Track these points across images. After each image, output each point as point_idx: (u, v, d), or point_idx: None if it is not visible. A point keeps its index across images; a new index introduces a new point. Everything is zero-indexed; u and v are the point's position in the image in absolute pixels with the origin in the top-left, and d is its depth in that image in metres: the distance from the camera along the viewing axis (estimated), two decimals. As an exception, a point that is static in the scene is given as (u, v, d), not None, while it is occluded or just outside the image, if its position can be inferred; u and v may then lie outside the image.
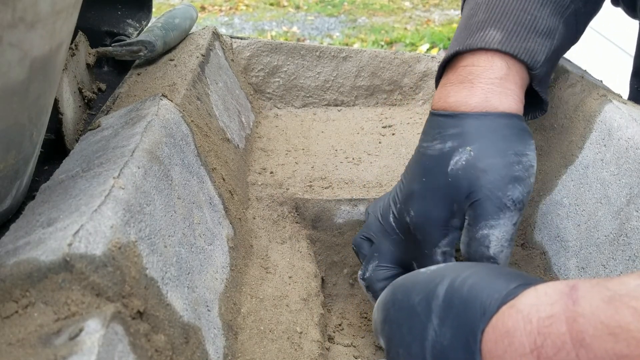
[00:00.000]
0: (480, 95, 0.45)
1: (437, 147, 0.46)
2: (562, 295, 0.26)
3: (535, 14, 0.47)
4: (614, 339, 0.23)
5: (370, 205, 0.55)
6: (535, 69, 0.47)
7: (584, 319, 0.24)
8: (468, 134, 0.44)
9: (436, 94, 0.50)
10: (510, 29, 0.46)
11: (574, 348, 0.24)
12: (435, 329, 0.31)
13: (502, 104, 0.45)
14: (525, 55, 0.46)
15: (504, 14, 0.47)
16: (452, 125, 0.46)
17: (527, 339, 0.26)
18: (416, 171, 0.48)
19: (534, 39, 0.47)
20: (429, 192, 0.46)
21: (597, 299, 0.25)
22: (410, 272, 0.38)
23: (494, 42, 0.46)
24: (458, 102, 0.46)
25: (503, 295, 0.29)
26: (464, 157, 0.44)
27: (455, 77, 0.47)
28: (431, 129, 0.48)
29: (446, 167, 0.44)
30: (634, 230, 0.42)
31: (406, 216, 0.47)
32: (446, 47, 2.99)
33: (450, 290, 0.32)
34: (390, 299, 0.37)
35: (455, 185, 0.44)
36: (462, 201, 0.44)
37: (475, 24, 0.48)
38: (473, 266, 0.34)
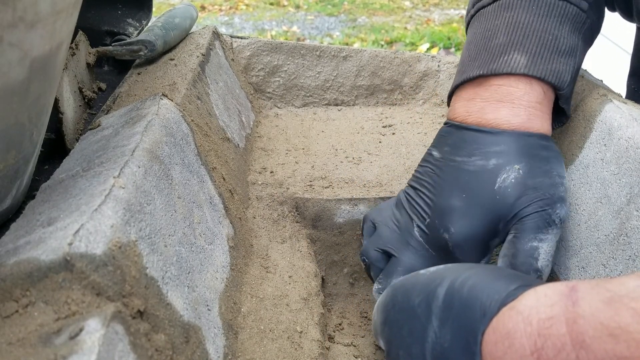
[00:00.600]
0: (523, 116, 0.46)
1: (479, 164, 0.46)
2: (562, 296, 0.26)
3: (555, 34, 0.47)
4: (614, 340, 0.23)
5: (372, 213, 0.53)
6: (562, 89, 0.47)
7: (584, 320, 0.24)
8: (513, 153, 0.45)
9: (461, 107, 0.49)
10: (534, 51, 0.47)
11: (574, 349, 0.24)
12: (436, 331, 0.31)
13: (542, 126, 0.47)
14: (552, 78, 0.46)
15: (526, 36, 0.47)
16: (494, 142, 0.46)
17: (527, 340, 0.26)
18: (452, 186, 0.47)
19: (558, 60, 0.47)
20: (473, 208, 0.45)
21: (596, 300, 0.25)
22: (409, 274, 0.38)
23: (519, 67, 0.46)
24: (499, 120, 0.46)
25: (503, 297, 0.29)
26: (512, 175, 0.45)
27: (489, 95, 0.47)
28: (466, 144, 0.47)
29: (492, 184, 0.45)
30: (634, 229, 0.42)
31: (443, 233, 0.46)
32: (446, 46, 2.98)
33: (450, 292, 0.32)
34: (390, 301, 0.37)
35: (503, 202, 0.44)
36: (508, 218, 0.44)
37: (496, 46, 0.48)
38: (472, 267, 0.34)
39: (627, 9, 0.67)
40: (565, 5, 0.48)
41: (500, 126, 0.46)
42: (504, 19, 0.49)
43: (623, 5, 0.67)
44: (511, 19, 0.48)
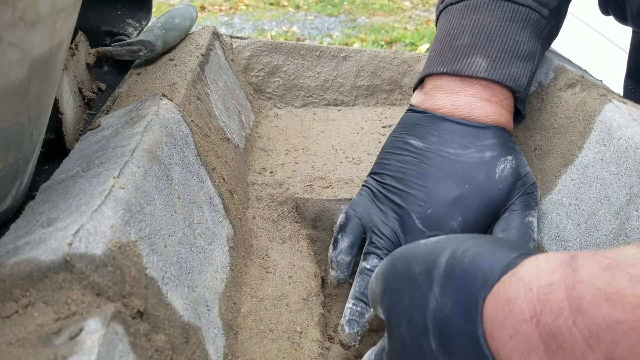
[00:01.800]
0: (506, 115, 0.52)
1: (476, 156, 0.49)
2: (562, 263, 0.27)
3: (517, 39, 0.51)
4: (611, 305, 0.23)
5: (355, 210, 0.51)
6: (519, 92, 0.51)
7: (582, 286, 0.25)
8: (504, 145, 0.50)
9: (445, 99, 0.51)
10: (495, 56, 0.51)
11: (572, 314, 0.25)
12: (437, 298, 0.32)
13: (512, 123, 0.53)
14: (509, 81, 0.50)
15: (489, 40, 0.51)
16: (486, 136, 0.50)
17: (527, 306, 0.27)
18: (451, 176, 0.49)
19: (517, 64, 0.51)
20: (477, 197, 0.48)
21: (595, 267, 0.25)
22: (410, 243, 0.38)
23: (480, 71, 0.50)
24: (487, 117, 0.50)
25: (504, 265, 0.29)
26: (509, 166, 0.49)
27: (475, 92, 0.51)
28: (456, 137, 0.50)
29: (493, 174, 0.49)
30: (633, 229, 0.42)
31: (451, 222, 0.48)
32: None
33: (451, 261, 0.32)
34: (390, 269, 0.37)
35: (505, 190, 0.49)
36: (508, 204, 0.49)
37: (461, 47, 0.52)
38: (473, 237, 0.34)
39: (621, 13, 0.68)
40: (527, 11, 0.51)
41: (487, 122, 0.50)
42: (469, 21, 0.52)
43: (617, 10, 0.68)
44: (476, 22, 0.52)
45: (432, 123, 0.51)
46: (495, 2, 0.51)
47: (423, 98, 0.54)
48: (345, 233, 0.52)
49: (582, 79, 0.55)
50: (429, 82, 0.54)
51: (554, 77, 0.58)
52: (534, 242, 0.49)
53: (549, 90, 0.58)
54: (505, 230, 0.48)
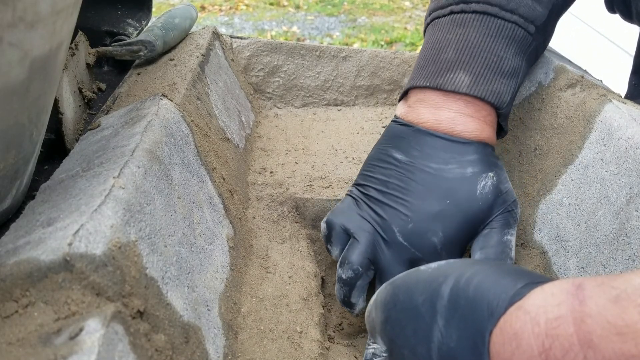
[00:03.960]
0: (489, 130, 0.51)
1: (457, 172, 0.49)
2: (569, 295, 0.26)
3: (501, 55, 0.51)
4: (622, 339, 0.23)
5: (338, 219, 0.51)
6: (502, 109, 0.51)
7: (591, 320, 0.24)
8: (485, 161, 0.50)
9: (428, 113, 0.51)
10: (478, 72, 0.50)
11: (582, 349, 0.24)
12: (441, 330, 0.31)
13: (495, 138, 0.53)
14: (492, 98, 0.50)
15: (472, 56, 0.51)
16: (468, 151, 0.50)
17: (535, 341, 0.26)
18: (433, 192, 0.49)
19: (500, 81, 0.51)
20: (458, 213, 0.48)
21: (603, 299, 0.24)
22: (410, 269, 0.38)
23: (463, 86, 0.50)
24: (469, 133, 0.50)
25: (510, 296, 0.29)
26: (490, 182, 0.49)
27: (458, 108, 0.51)
28: (439, 152, 0.50)
29: (474, 191, 0.49)
30: (633, 229, 0.42)
31: (432, 237, 0.48)
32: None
33: (455, 290, 0.32)
34: (391, 299, 0.36)
35: (485, 207, 0.49)
36: (487, 221, 0.49)
37: (445, 61, 0.52)
38: (476, 264, 0.33)
39: (626, 10, 0.68)
40: (513, 27, 0.51)
41: (470, 137, 0.50)
42: (455, 35, 0.52)
43: (623, 7, 0.68)
44: (461, 37, 0.52)
45: (416, 137, 0.51)
46: (481, 18, 0.51)
47: (407, 110, 0.53)
48: (332, 244, 0.52)
49: (582, 79, 0.55)
50: (413, 95, 0.53)
51: (554, 77, 0.58)
52: (511, 261, 0.49)
53: (549, 90, 0.58)
54: (483, 249, 0.48)
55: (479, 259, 0.48)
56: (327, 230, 0.53)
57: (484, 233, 0.49)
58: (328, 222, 0.53)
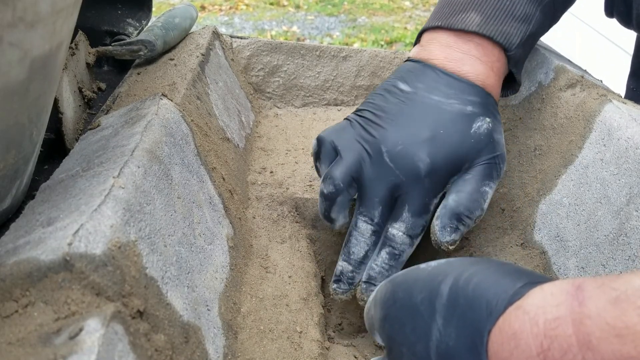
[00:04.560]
0: (493, 80, 0.52)
1: (457, 107, 0.50)
2: (568, 296, 0.26)
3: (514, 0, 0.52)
4: (621, 341, 0.23)
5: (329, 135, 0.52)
6: (510, 50, 0.52)
7: (590, 321, 0.24)
8: (486, 106, 0.51)
9: (439, 51, 0.53)
10: (489, 13, 0.52)
11: (581, 351, 0.24)
12: (440, 329, 0.31)
13: (498, 94, 0.54)
14: (500, 37, 0.51)
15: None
16: (471, 92, 0.51)
17: (533, 341, 0.26)
18: (429, 120, 0.50)
19: (510, 23, 0.52)
20: (448, 143, 0.49)
21: (602, 300, 0.24)
22: (409, 267, 0.38)
23: (473, 25, 0.51)
24: (475, 75, 0.51)
25: (509, 295, 0.29)
26: (485, 125, 0.50)
27: (468, 49, 0.52)
28: (443, 86, 0.51)
29: (469, 127, 0.50)
30: (633, 230, 0.42)
31: (418, 161, 0.49)
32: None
33: (454, 289, 0.32)
34: (390, 297, 0.36)
35: (475, 146, 0.50)
36: (473, 161, 0.50)
37: (458, 3, 0.53)
38: (476, 263, 0.33)
39: (626, 13, 0.68)
40: None
41: (475, 81, 0.51)
42: None
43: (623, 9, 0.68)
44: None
45: (423, 71, 0.53)
46: None
47: (419, 50, 0.55)
48: (321, 161, 0.53)
49: (582, 79, 0.55)
50: (426, 36, 0.55)
51: (554, 77, 0.58)
52: (481, 212, 0.50)
53: (549, 90, 0.58)
54: (459, 192, 0.49)
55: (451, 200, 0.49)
56: (317, 146, 0.53)
57: (464, 177, 0.50)
58: (319, 139, 0.53)
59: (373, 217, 0.50)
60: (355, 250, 0.50)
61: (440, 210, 0.50)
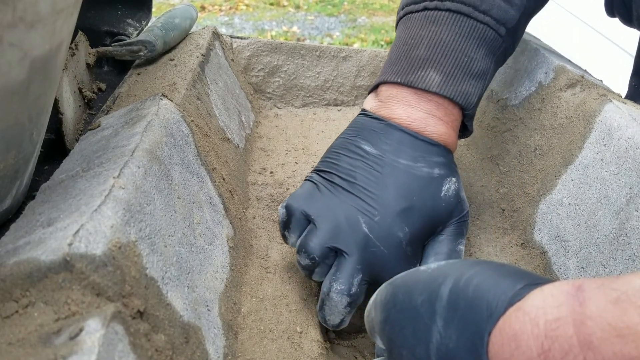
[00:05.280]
0: (453, 137, 0.52)
1: (425, 171, 0.50)
2: (569, 296, 0.26)
3: (471, 56, 0.51)
4: (622, 341, 0.23)
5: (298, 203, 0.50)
6: (468, 109, 0.52)
7: (591, 322, 0.24)
8: (449, 166, 0.51)
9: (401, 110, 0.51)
10: (448, 71, 0.51)
11: (582, 351, 0.24)
12: (440, 331, 0.31)
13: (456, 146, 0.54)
14: (460, 98, 0.51)
15: (444, 55, 0.51)
16: (436, 153, 0.51)
17: (534, 342, 0.26)
18: (401, 187, 0.49)
19: (468, 82, 0.51)
20: (423, 211, 0.49)
21: (603, 300, 0.24)
22: (409, 270, 0.38)
23: (433, 85, 0.50)
24: (438, 135, 0.51)
25: (510, 297, 0.29)
26: (452, 187, 0.51)
27: (430, 109, 0.51)
28: (409, 149, 0.50)
29: (439, 191, 0.50)
30: (633, 230, 0.42)
31: (398, 232, 0.48)
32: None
33: (454, 291, 0.32)
34: (390, 299, 0.36)
35: (448, 209, 0.50)
36: (446, 222, 0.51)
37: (417, 59, 0.52)
38: (476, 265, 0.33)
39: (627, 13, 0.68)
40: (485, 29, 0.52)
41: (438, 140, 0.51)
42: (427, 32, 0.52)
43: (623, 10, 0.68)
44: (434, 34, 0.52)
45: (387, 131, 0.51)
46: (455, 17, 0.51)
47: (379, 105, 0.53)
48: (291, 230, 0.50)
49: (582, 79, 0.55)
50: (384, 90, 0.53)
51: (554, 77, 0.58)
52: None
53: (549, 90, 0.58)
54: (437, 254, 0.50)
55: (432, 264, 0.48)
56: (286, 215, 0.50)
57: (439, 239, 0.51)
58: (288, 207, 0.50)
59: (350, 288, 0.46)
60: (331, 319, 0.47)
61: None
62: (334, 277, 0.47)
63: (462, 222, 0.51)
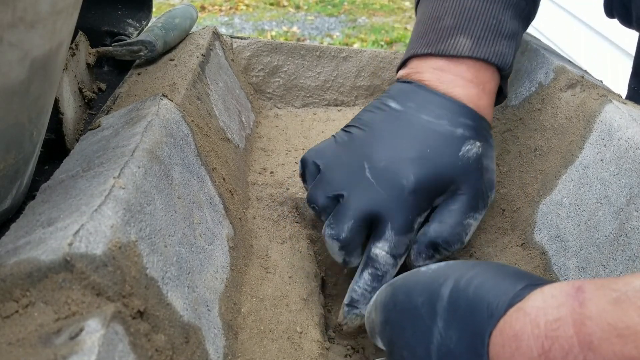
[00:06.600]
0: (485, 102, 0.51)
1: (447, 128, 0.49)
2: (569, 297, 0.26)
3: (500, 18, 0.51)
4: (622, 341, 0.23)
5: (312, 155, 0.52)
6: (505, 69, 0.52)
7: (591, 322, 0.24)
8: (478, 130, 0.50)
9: (431, 74, 0.51)
10: (479, 35, 0.51)
11: (582, 351, 0.24)
12: (441, 332, 0.31)
13: (490, 115, 0.53)
14: (496, 59, 0.51)
15: (471, 20, 0.51)
16: (463, 114, 0.49)
17: (534, 343, 0.26)
18: (416, 139, 0.49)
19: (501, 42, 0.51)
20: (434, 163, 0.48)
21: (603, 301, 0.25)
22: (409, 271, 0.38)
23: (465, 50, 0.50)
24: (468, 98, 0.50)
25: (510, 297, 0.29)
26: (474, 150, 0.49)
27: (460, 72, 0.51)
28: (434, 106, 0.50)
29: (457, 150, 0.48)
30: (634, 230, 0.42)
31: (402, 179, 0.47)
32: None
33: (455, 292, 0.32)
34: (390, 300, 0.36)
35: (462, 169, 0.48)
36: (459, 185, 0.48)
37: (444, 28, 0.52)
38: (476, 265, 0.33)
39: (626, 15, 0.68)
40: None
41: (468, 103, 0.50)
42: (451, 2, 0.52)
43: (622, 11, 0.68)
44: (458, 3, 0.52)
45: (414, 91, 0.51)
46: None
47: (409, 71, 0.54)
48: (306, 181, 0.53)
49: (582, 79, 0.55)
50: (414, 62, 0.54)
51: (554, 77, 0.58)
52: (461, 244, 0.49)
53: (549, 90, 0.58)
54: (441, 222, 0.48)
55: (432, 230, 0.48)
56: (301, 167, 0.53)
57: (450, 207, 0.49)
58: (302, 160, 0.53)
59: (340, 233, 0.47)
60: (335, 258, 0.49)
61: (420, 236, 0.49)
62: (328, 222, 0.48)
63: (480, 193, 0.49)
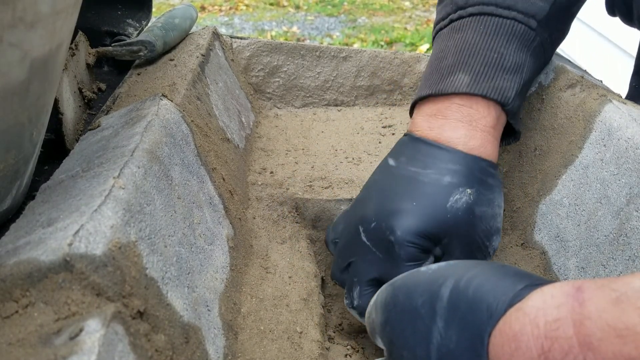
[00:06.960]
0: (478, 140, 0.48)
1: (433, 177, 0.47)
2: (568, 297, 0.26)
3: (501, 52, 0.50)
4: (622, 341, 0.23)
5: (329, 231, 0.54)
6: (507, 104, 0.49)
7: (591, 322, 0.24)
8: (466, 175, 0.47)
9: (423, 121, 0.51)
10: (478, 70, 0.49)
11: (582, 351, 0.24)
12: (441, 332, 0.31)
13: (492, 153, 0.49)
14: (495, 94, 0.48)
15: (471, 56, 0.50)
16: (450, 160, 0.47)
17: (534, 343, 0.26)
18: (403, 193, 0.47)
19: (502, 77, 0.49)
20: (421, 215, 0.46)
21: (603, 301, 0.25)
22: (409, 271, 0.38)
23: (462, 86, 0.48)
24: (456, 140, 0.48)
25: (510, 298, 0.29)
26: (464, 199, 0.46)
27: (450, 113, 0.49)
28: (421, 156, 0.48)
29: (445, 201, 0.46)
30: (633, 230, 0.42)
31: (389, 235, 0.46)
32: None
33: (455, 292, 0.32)
34: (391, 300, 0.36)
35: (452, 222, 0.46)
36: (452, 239, 0.46)
37: (445, 67, 0.51)
38: (476, 266, 0.33)
39: (627, 13, 0.68)
40: (512, 24, 0.50)
41: (456, 146, 0.48)
42: (454, 41, 0.52)
43: (624, 9, 0.68)
44: (460, 41, 0.51)
45: (406, 144, 0.51)
46: (478, 19, 0.51)
47: (410, 123, 0.53)
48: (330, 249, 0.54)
49: (582, 79, 0.55)
50: (419, 107, 0.53)
51: (554, 77, 0.58)
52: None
53: (549, 90, 0.58)
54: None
55: (432, 265, 0.47)
56: (326, 235, 0.55)
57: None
58: (327, 229, 0.55)
59: (352, 302, 0.48)
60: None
61: None
62: (345, 292, 0.50)
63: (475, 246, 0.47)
